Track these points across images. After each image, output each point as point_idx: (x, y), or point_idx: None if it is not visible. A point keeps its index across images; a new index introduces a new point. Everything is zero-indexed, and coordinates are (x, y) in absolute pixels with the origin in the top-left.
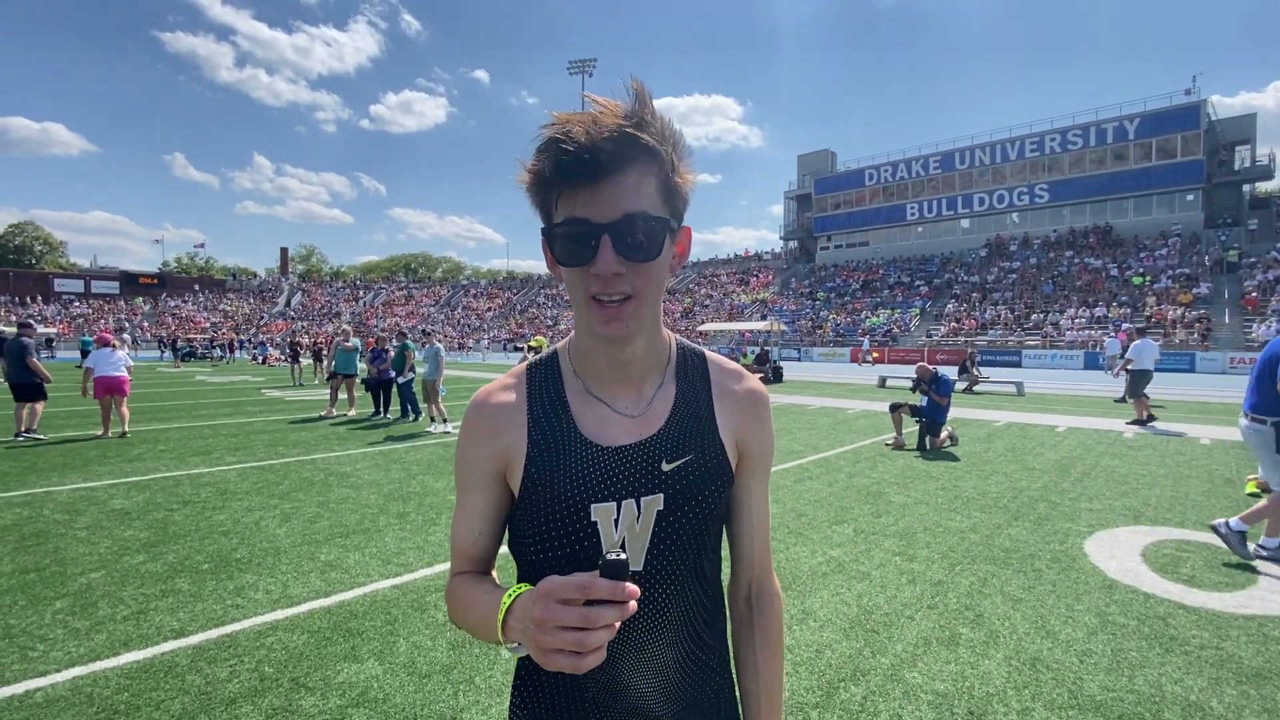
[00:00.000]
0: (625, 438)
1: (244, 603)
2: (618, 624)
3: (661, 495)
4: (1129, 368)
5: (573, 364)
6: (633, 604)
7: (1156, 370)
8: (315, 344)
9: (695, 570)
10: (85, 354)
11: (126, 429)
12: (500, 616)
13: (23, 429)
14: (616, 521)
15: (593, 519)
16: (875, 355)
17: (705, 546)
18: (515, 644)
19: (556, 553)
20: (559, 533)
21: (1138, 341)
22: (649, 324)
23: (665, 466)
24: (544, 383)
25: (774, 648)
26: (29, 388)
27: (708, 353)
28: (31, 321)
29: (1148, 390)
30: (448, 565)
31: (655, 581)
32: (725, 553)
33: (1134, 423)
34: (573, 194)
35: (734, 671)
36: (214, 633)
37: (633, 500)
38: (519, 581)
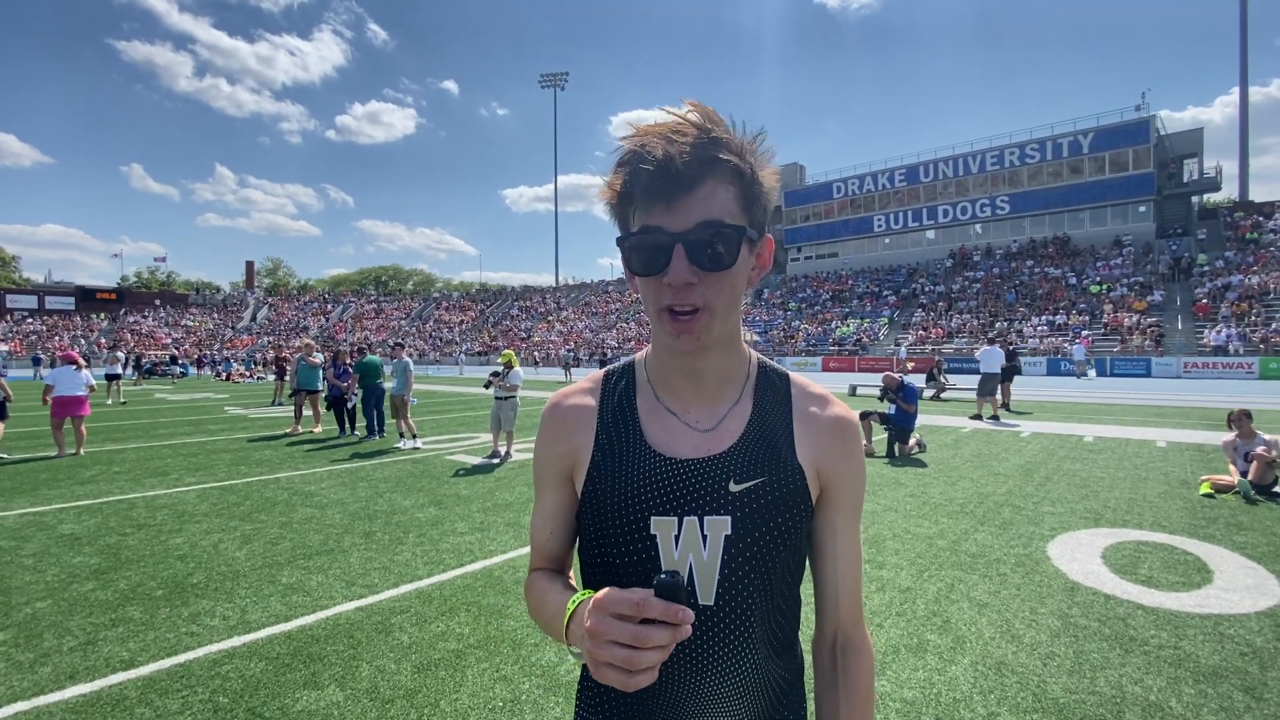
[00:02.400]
0: (692, 451)
1: (199, 630)
2: (671, 646)
3: (728, 518)
4: (980, 370)
5: (648, 374)
6: (687, 628)
7: (1115, 376)
8: (278, 357)
9: (769, 608)
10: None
11: (82, 450)
12: (565, 621)
13: None
14: (677, 538)
15: (652, 531)
16: (912, 364)
17: (780, 583)
18: (577, 650)
19: (614, 560)
20: (617, 541)
21: (985, 349)
22: (724, 338)
23: (734, 487)
24: (617, 389)
25: (861, 706)
26: None
27: (792, 374)
28: None
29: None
30: (414, 585)
31: (725, 617)
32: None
33: (974, 417)
34: (649, 205)
35: None
36: (166, 663)
37: (695, 518)
38: (582, 585)
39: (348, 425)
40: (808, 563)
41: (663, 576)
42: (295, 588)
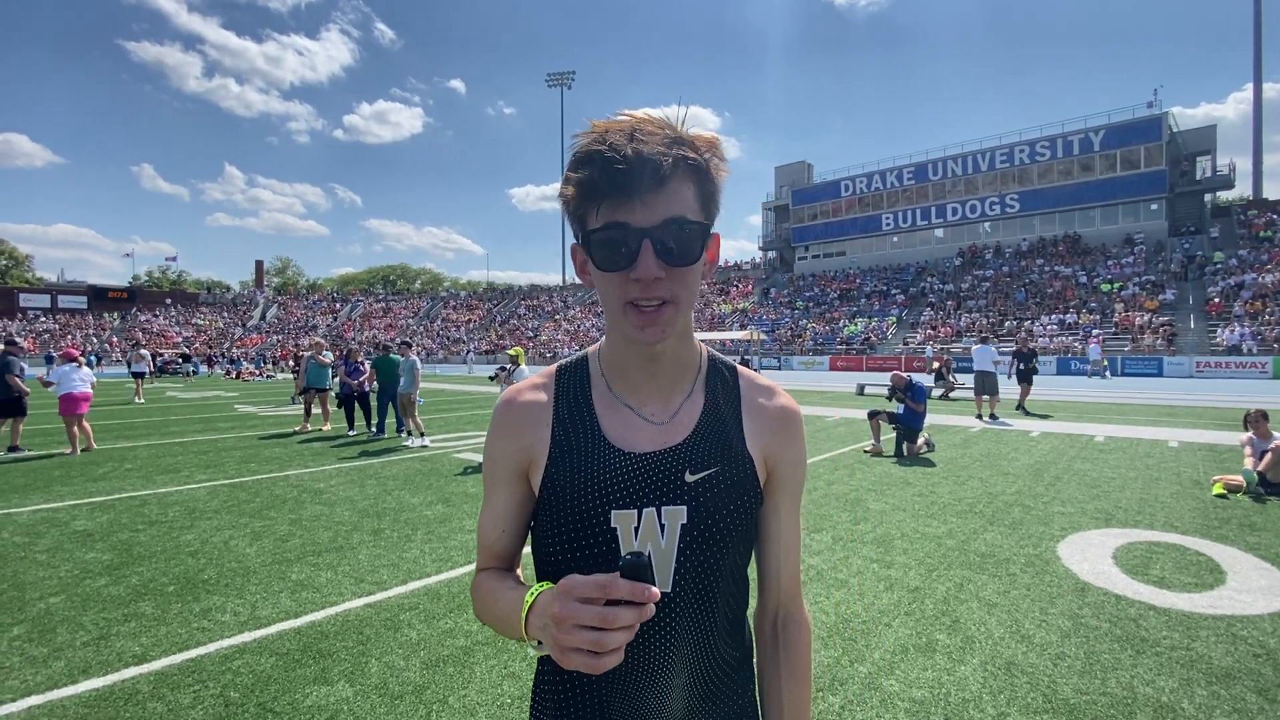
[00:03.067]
0: (649, 444)
1: (210, 625)
2: (636, 625)
3: (685, 508)
4: (974, 368)
5: (602, 369)
6: (651, 607)
7: (1126, 375)
8: (299, 357)
9: (722, 591)
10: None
11: (92, 444)
12: (523, 614)
13: (10, 445)
14: (637, 529)
15: (612, 525)
16: (937, 364)
17: (732, 567)
18: (537, 642)
19: (575, 555)
20: (578, 536)
21: (977, 347)
22: (682, 330)
23: (689, 477)
24: (571, 384)
25: (801, 678)
26: (6, 404)
27: (740, 367)
28: (17, 339)
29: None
30: (422, 582)
31: (681, 602)
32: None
33: (978, 416)
34: (615, 202)
35: (759, 702)
36: (177, 657)
37: (654, 509)
38: (537, 580)
39: (360, 423)
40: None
41: (627, 556)
42: (305, 584)
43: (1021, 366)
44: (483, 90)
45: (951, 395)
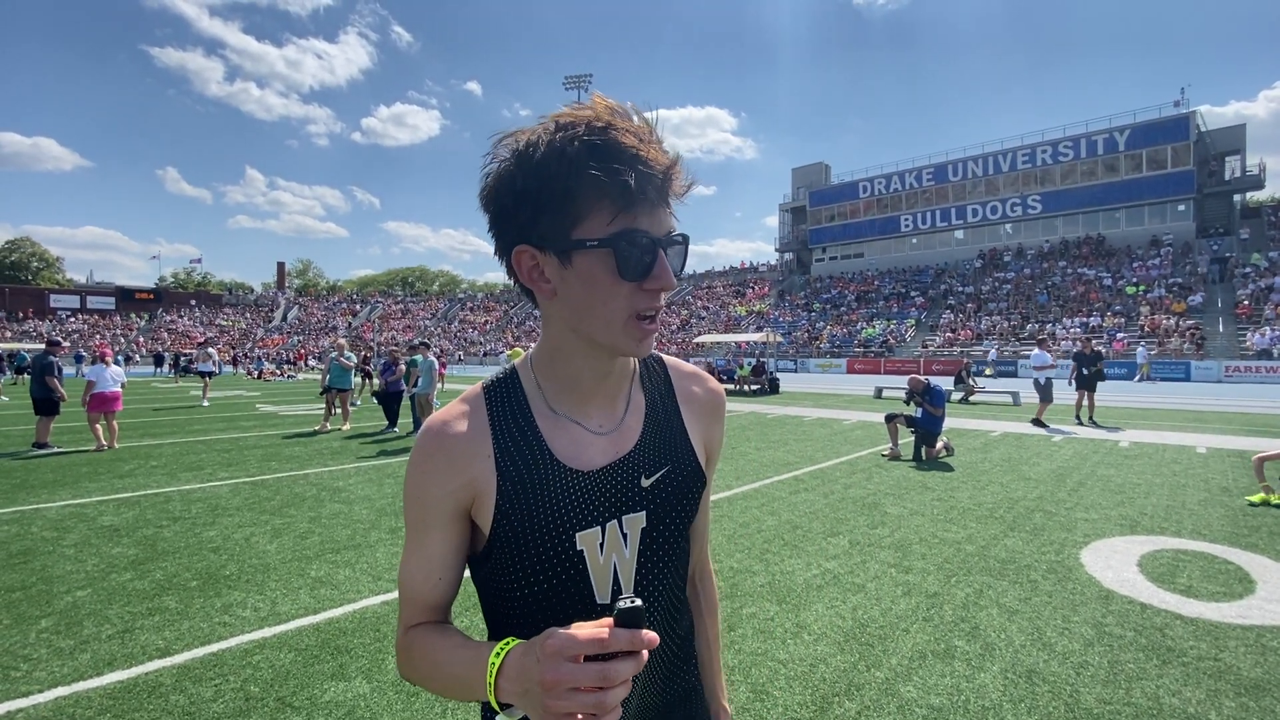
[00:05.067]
0: (603, 458)
1: (231, 620)
2: (631, 677)
3: (644, 513)
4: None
5: (538, 383)
6: (646, 653)
7: (1153, 380)
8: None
9: (677, 583)
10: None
11: (116, 443)
12: (490, 678)
13: (36, 441)
14: (602, 545)
15: (579, 547)
16: (990, 372)
17: (682, 555)
18: (510, 706)
19: (541, 587)
20: (542, 566)
21: (1036, 352)
22: None
23: (645, 482)
24: (506, 406)
25: (714, 614)
26: (42, 403)
27: (665, 356)
28: (60, 340)
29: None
30: None
31: (649, 606)
32: None
33: (1034, 422)
34: (637, 210)
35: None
36: (199, 651)
37: (615, 521)
38: (489, 621)
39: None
40: None
41: (623, 603)
42: (324, 581)
43: (1084, 371)
44: (499, 92)
45: (971, 399)
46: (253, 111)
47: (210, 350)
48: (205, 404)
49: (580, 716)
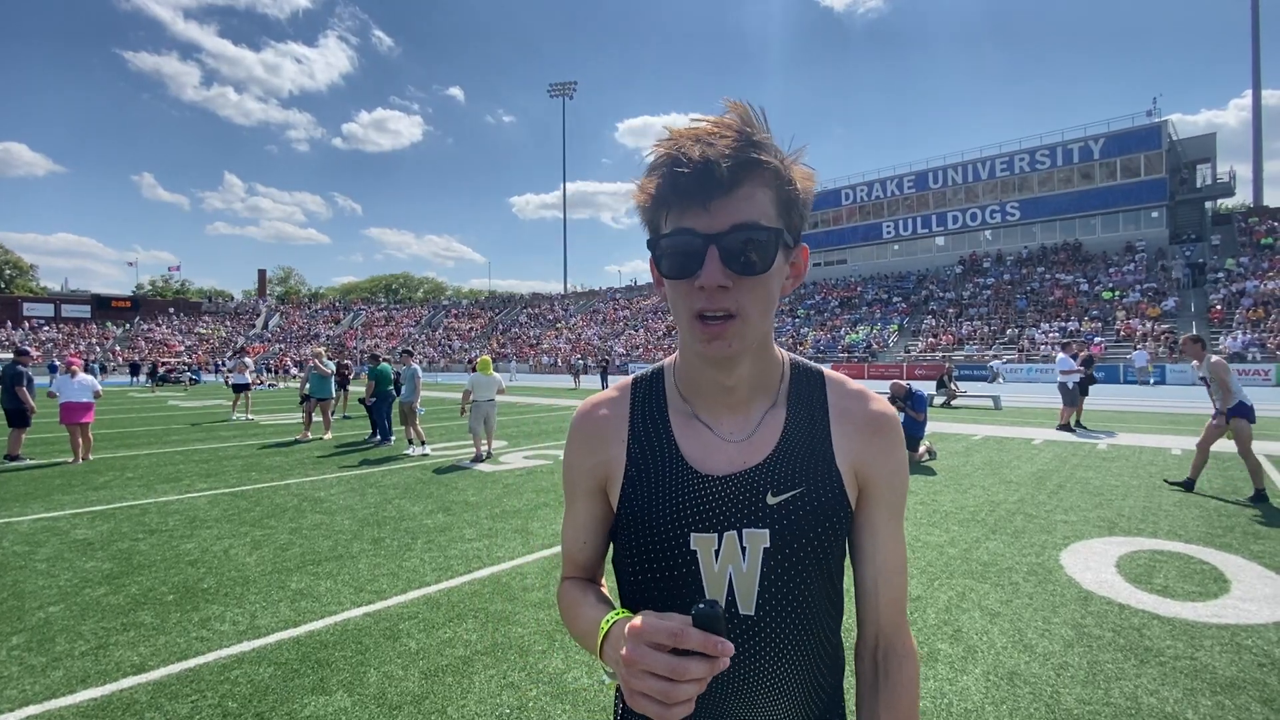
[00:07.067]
0: (728, 466)
1: (209, 635)
2: (707, 679)
3: (767, 531)
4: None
5: (677, 382)
6: (725, 660)
7: (1128, 383)
8: (340, 364)
9: (811, 617)
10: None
11: (90, 455)
12: (599, 641)
13: (7, 453)
14: (717, 553)
15: (692, 548)
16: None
17: (821, 589)
18: (611, 671)
19: (654, 576)
20: (658, 558)
21: (1061, 357)
22: (756, 345)
23: (771, 500)
24: (646, 399)
25: (892, 708)
26: (14, 414)
27: (827, 371)
28: (29, 349)
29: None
30: (422, 592)
31: (767, 628)
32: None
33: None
34: (684, 207)
35: None
36: (176, 667)
37: (734, 532)
38: (619, 596)
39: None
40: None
41: (701, 606)
42: (304, 593)
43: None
44: (482, 98)
45: (953, 404)
46: (230, 116)
47: (247, 360)
48: (246, 418)
49: (649, 698)
